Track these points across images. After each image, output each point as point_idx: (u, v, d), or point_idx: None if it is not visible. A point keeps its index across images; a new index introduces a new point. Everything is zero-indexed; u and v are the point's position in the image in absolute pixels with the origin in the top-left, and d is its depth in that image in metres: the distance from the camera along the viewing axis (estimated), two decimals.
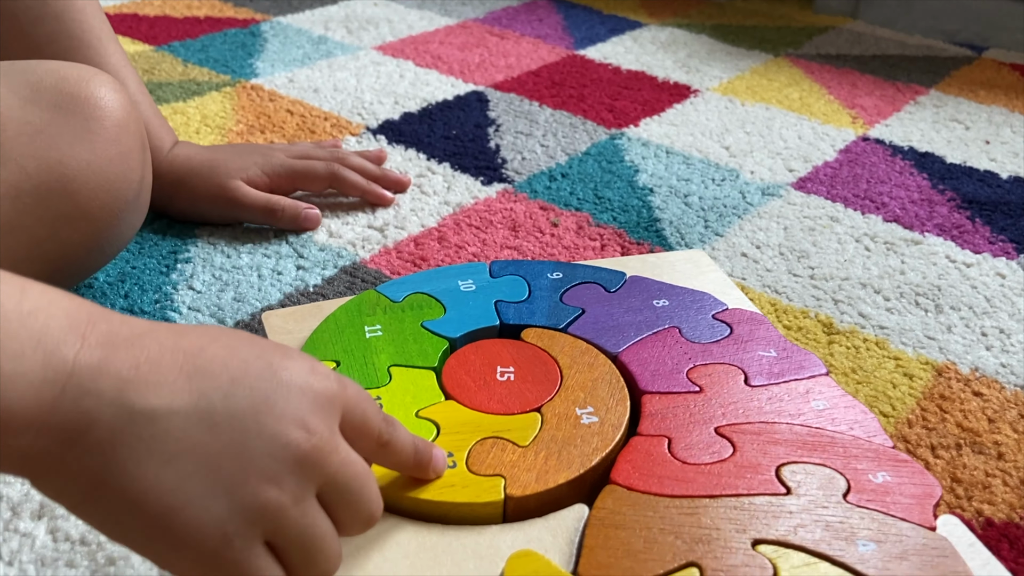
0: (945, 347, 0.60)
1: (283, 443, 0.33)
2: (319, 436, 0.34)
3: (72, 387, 0.29)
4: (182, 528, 0.31)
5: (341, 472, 0.35)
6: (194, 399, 0.31)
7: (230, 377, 0.33)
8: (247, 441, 0.32)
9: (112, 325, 0.32)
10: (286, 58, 1.07)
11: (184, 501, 0.31)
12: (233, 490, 0.32)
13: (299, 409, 0.34)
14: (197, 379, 0.32)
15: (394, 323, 0.55)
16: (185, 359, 0.32)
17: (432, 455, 0.43)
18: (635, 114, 0.95)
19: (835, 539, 0.41)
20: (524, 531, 0.42)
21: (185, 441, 0.31)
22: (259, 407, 0.33)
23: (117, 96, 0.56)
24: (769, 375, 0.52)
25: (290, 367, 0.35)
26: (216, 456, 0.31)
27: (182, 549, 0.31)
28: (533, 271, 0.61)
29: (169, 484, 0.31)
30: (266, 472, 0.32)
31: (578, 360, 0.53)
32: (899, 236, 0.73)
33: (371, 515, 0.37)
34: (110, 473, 0.30)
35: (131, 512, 0.31)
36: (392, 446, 0.40)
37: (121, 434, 0.30)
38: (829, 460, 0.46)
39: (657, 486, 0.44)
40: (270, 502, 0.32)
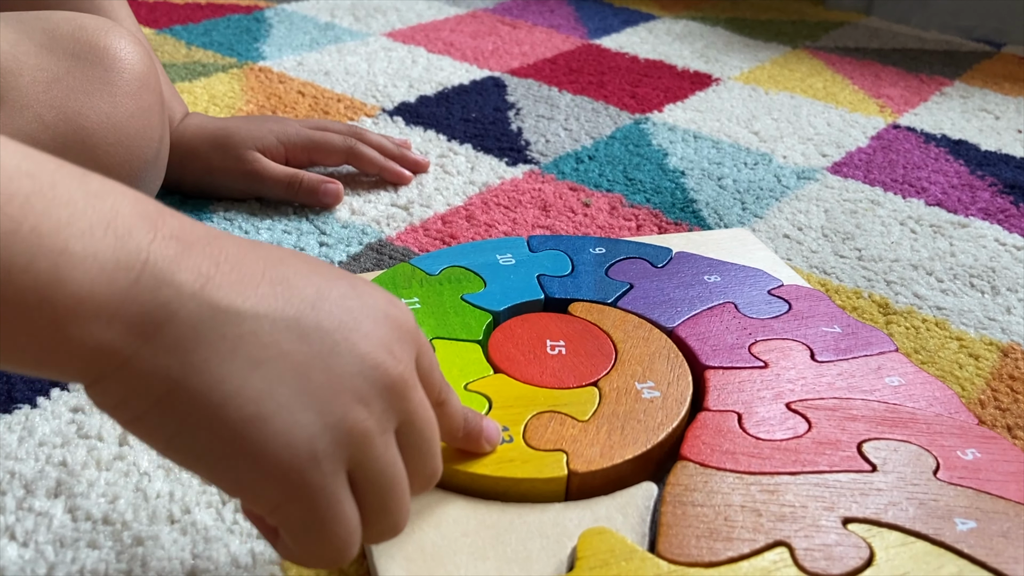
0: (1007, 328, 0.57)
1: (372, 364, 0.30)
2: (404, 365, 0.31)
3: (148, 275, 0.26)
4: (270, 439, 0.27)
5: (419, 411, 0.32)
6: (280, 305, 0.28)
7: (316, 290, 0.30)
8: (337, 356, 0.29)
9: (184, 221, 0.28)
10: (293, 43, 1.04)
11: (272, 410, 0.27)
12: (324, 404, 0.28)
13: (386, 334, 0.31)
14: (281, 287, 0.29)
15: (432, 296, 0.52)
16: (267, 265, 0.29)
17: (483, 426, 0.39)
18: (658, 100, 0.92)
19: (931, 517, 0.38)
20: (591, 509, 0.39)
21: (273, 347, 0.28)
22: (348, 324, 0.30)
23: (136, 49, 0.52)
24: (836, 351, 0.49)
25: (372, 292, 0.32)
26: (306, 367, 0.28)
27: (266, 466, 0.27)
28: (574, 246, 0.58)
29: (256, 390, 0.27)
30: (357, 391, 0.29)
31: (632, 334, 0.49)
32: (944, 219, 0.70)
33: (435, 470, 0.34)
34: (189, 374, 0.26)
35: (210, 420, 0.27)
36: (446, 408, 0.36)
37: (204, 331, 0.26)
38: (913, 437, 0.43)
39: (732, 462, 0.41)
40: (359, 423, 0.29)
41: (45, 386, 0.47)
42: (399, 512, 0.32)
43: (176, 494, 0.41)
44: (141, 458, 0.43)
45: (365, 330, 0.30)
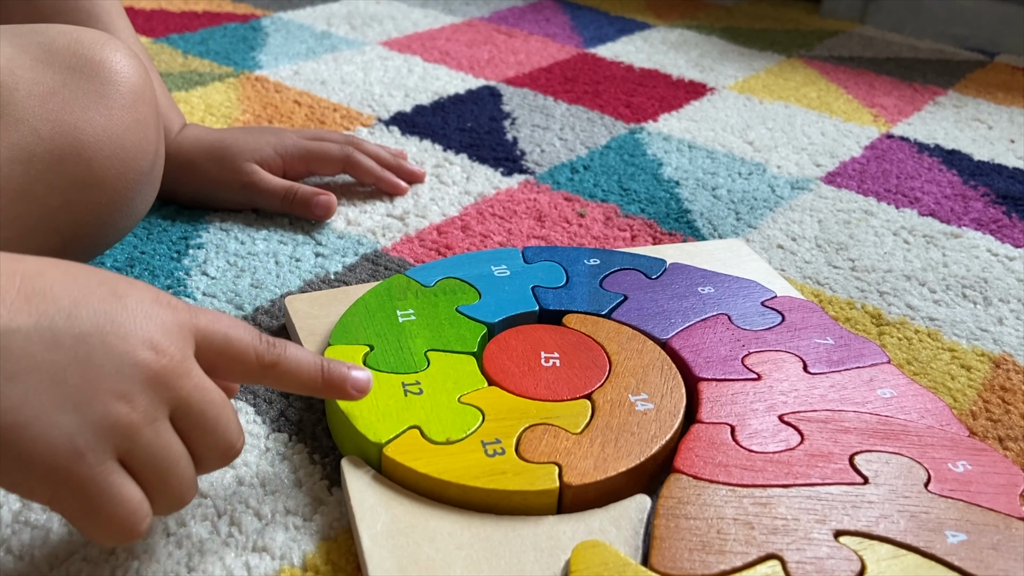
0: (999, 339, 0.57)
1: (131, 362, 0.32)
2: (169, 357, 0.33)
3: None
4: (30, 443, 0.30)
5: (195, 396, 0.34)
6: (34, 319, 0.30)
7: (72, 299, 0.32)
8: (93, 359, 0.31)
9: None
10: (289, 52, 1.04)
11: (30, 416, 0.30)
12: (82, 405, 0.31)
13: (147, 331, 0.33)
14: (36, 300, 0.31)
15: (427, 308, 0.52)
16: (23, 281, 0.31)
17: (347, 373, 0.40)
18: (653, 110, 0.93)
19: (922, 530, 0.38)
20: (585, 522, 0.39)
21: (27, 359, 0.30)
22: (104, 328, 0.32)
23: (132, 62, 0.53)
24: (829, 363, 0.49)
25: (134, 293, 0.34)
26: (61, 372, 0.30)
27: (32, 467, 0.30)
28: (569, 257, 0.58)
29: (13, 400, 0.29)
30: (115, 389, 0.31)
31: (626, 346, 0.50)
32: (937, 230, 0.71)
33: (229, 445, 0.36)
34: None
35: None
36: (282, 365, 0.38)
37: None
38: (904, 449, 0.43)
39: (725, 475, 0.41)
40: (121, 418, 0.31)
41: None
42: (180, 488, 0.34)
43: None
44: None
45: (123, 331, 0.32)
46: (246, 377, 0.38)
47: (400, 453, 0.41)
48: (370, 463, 0.42)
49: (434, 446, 0.41)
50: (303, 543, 0.40)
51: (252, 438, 0.46)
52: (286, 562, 0.39)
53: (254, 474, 0.43)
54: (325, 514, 0.41)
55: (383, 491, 0.40)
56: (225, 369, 0.37)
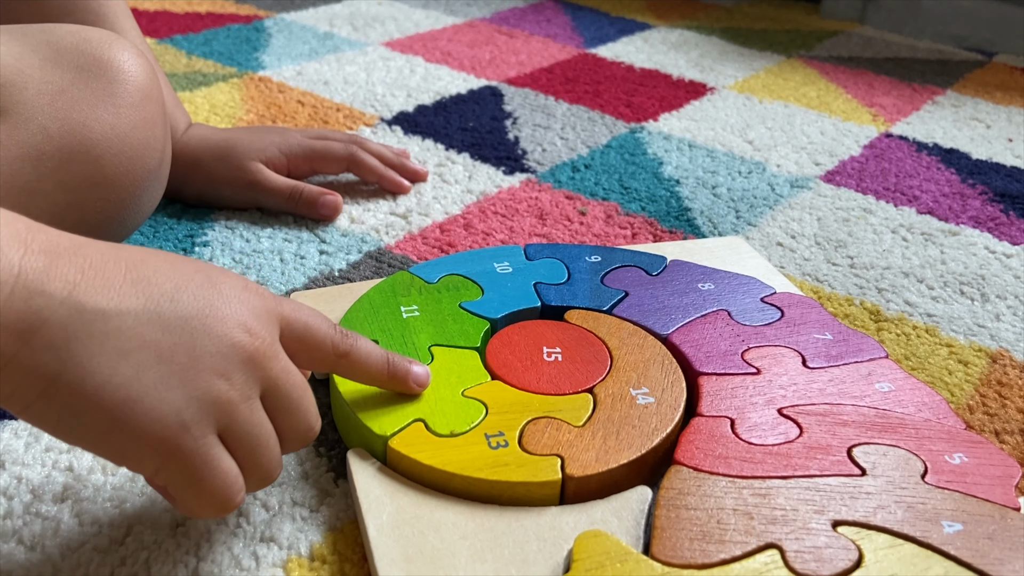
0: (996, 335, 0.58)
1: (230, 343, 0.34)
2: (261, 340, 0.35)
3: (20, 288, 0.30)
4: (142, 417, 0.32)
5: (282, 378, 0.36)
6: (142, 302, 0.33)
7: (173, 285, 0.34)
8: (196, 340, 0.33)
9: (51, 235, 0.32)
10: (292, 52, 1.05)
11: (141, 392, 0.32)
12: (187, 382, 0.33)
13: (241, 315, 0.35)
14: (142, 285, 0.33)
15: (431, 304, 0.52)
16: (128, 268, 0.33)
17: (410, 368, 0.43)
18: (653, 109, 0.94)
19: (919, 520, 0.39)
20: (587, 513, 0.40)
21: (137, 338, 0.32)
22: (204, 311, 0.34)
23: (139, 62, 0.53)
24: (827, 357, 0.50)
25: (227, 280, 0.36)
26: (168, 351, 0.32)
27: (142, 439, 0.32)
28: (570, 254, 0.59)
29: (125, 377, 0.31)
30: (216, 367, 0.33)
31: (627, 341, 0.50)
32: (935, 227, 0.71)
33: (309, 427, 0.38)
34: (65, 369, 0.30)
35: (89, 406, 0.31)
36: (354, 355, 0.41)
37: (74, 331, 0.31)
38: (902, 441, 0.44)
39: (724, 467, 0.42)
40: (222, 394, 0.34)
41: None
42: (270, 465, 0.36)
43: None
44: None
45: (221, 315, 0.34)
46: (321, 364, 0.40)
47: (405, 445, 0.42)
48: (375, 455, 0.43)
49: (438, 438, 0.42)
50: (310, 533, 0.41)
51: None
52: (293, 552, 0.40)
53: None
54: (331, 505, 0.42)
55: (388, 483, 0.41)
56: (304, 356, 0.39)
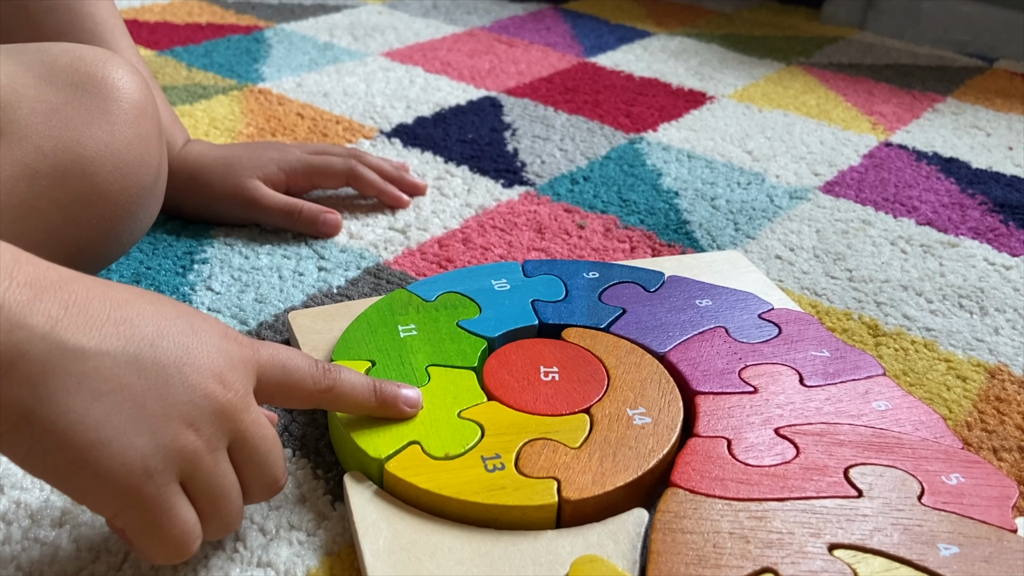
0: (995, 349, 0.58)
1: (202, 393, 0.35)
2: (235, 392, 0.36)
3: (3, 320, 0.30)
4: (107, 460, 0.32)
5: (251, 431, 0.37)
6: (122, 344, 0.33)
7: (155, 329, 0.34)
8: (170, 387, 0.34)
9: (39, 268, 0.33)
10: (292, 63, 1.05)
11: (110, 435, 0.32)
12: (156, 429, 0.33)
13: (217, 365, 0.36)
14: (124, 326, 0.33)
15: (428, 322, 0.52)
16: (113, 307, 0.34)
17: (398, 392, 0.44)
18: (652, 119, 0.94)
19: (915, 543, 0.39)
20: (583, 536, 0.40)
21: (113, 380, 0.32)
22: (182, 359, 0.35)
23: (134, 79, 0.54)
24: (825, 375, 0.50)
25: (208, 329, 0.37)
26: (141, 397, 0.33)
27: (105, 482, 0.32)
28: (568, 271, 0.59)
29: (96, 418, 0.32)
30: (187, 417, 0.34)
31: (624, 360, 0.50)
32: (934, 239, 0.71)
33: (275, 480, 0.39)
34: (39, 404, 0.31)
35: (57, 444, 0.31)
36: (337, 389, 0.41)
37: (52, 368, 0.31)
38: (899, 462, 0.43)
39: (721, 489, 0.42)
40: (188, 444, 0.34)
41: None
42: (230, 516, 0.37)
43: None
44: None
45: (198, 364, 0.35)
46: (305, 402, 0.41)
47: (401, 469, 0.42)
48: (372, 479, 0.43)
49: (435, 461, 0.42)
50: (307, 558, 0.41)
51: None
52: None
53: None
54: (328, 529, 0.42)
55: (385, 507, 0.41)
56: (284, 397, 0.40)
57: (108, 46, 0.63)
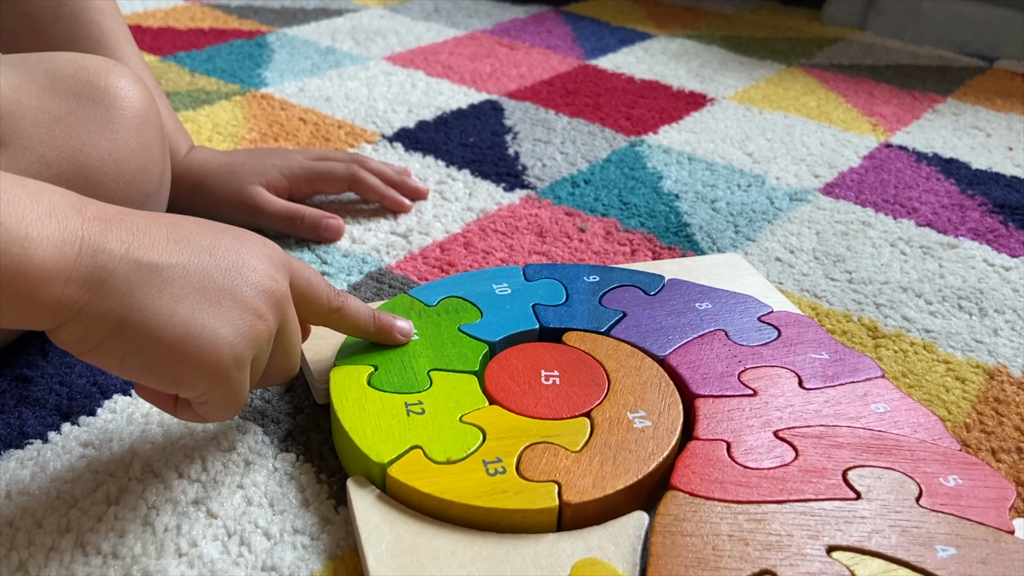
0: (994, 350, 0.58)
1: (262, 288, 0.41)
2: (284, 286, 0.42)
3: (86, 247, 0.35)
4: (199, 351, 0.38)
5: (292, 320, 0.43)
6: (187, 256, 0.38)
7: (209, 242, 0.40)
8: (235, 285, 0.40)
9: (98, 206, 0.38)
10: (295, 68, 1.05)
11: (198, 330, 0.38)
12: (234, 321, 0.39)
13: (266, 266, 0.42)
14: (183, 243, 0.39)
15: (430, 327, 0.53)
16: (168, 230, 0.39)
17: (394, 322, 0.50)
18: (653, 122, 0.94)
19: (913, 544, 0.39)
20: (584, 539, 0.40)
21: (188, 286, 0.38)
22: (238, 263, 0.40)
23: (137, 87, 0.54)
24: (824, 378, 0.50)
25: (250, 237, 0.43)
26: (215, 296, 0.39)
27: (200, 369, 0.38)
28: (569, 274, 0.59)
29: (183, 317, 0.37)
30: (254, 308, 0.40)
31: (624, 363, 0.51)
32: (934, 240, 0.72)
33: (294, 367, 0.46)
34: (131, 312, 0.36)
35: (153, 342, 0.37)
36: (345, 311, 0.48)
37: (136, 282, 0.36)
38: (897, 464, 0.44)
39: (720, 491, 0.42)
40: (260, 330, 0.40)
41: (56, 421, 0.49)
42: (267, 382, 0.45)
43: (183, 528, 0.42)
44: (149, 492, 0.44)
45: (252, 265, 0.41)
46: (316, 317, 0.47)
47: (404, 473, 0.42)
48: (374, 483, 0.43)
49: (437, 466, 0.43)
50: (311, 562, 0.41)
51: (260, 458, 0.47)
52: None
53: (263, 494, 0.45)
54: (332, 533, 0.43)
55: (388, 511, 0.42)
56: (303, 308, 0.45)
57: (113, 54, 0.64)
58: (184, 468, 0.46)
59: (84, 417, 0.49)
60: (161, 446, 0.47)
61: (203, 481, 0.45)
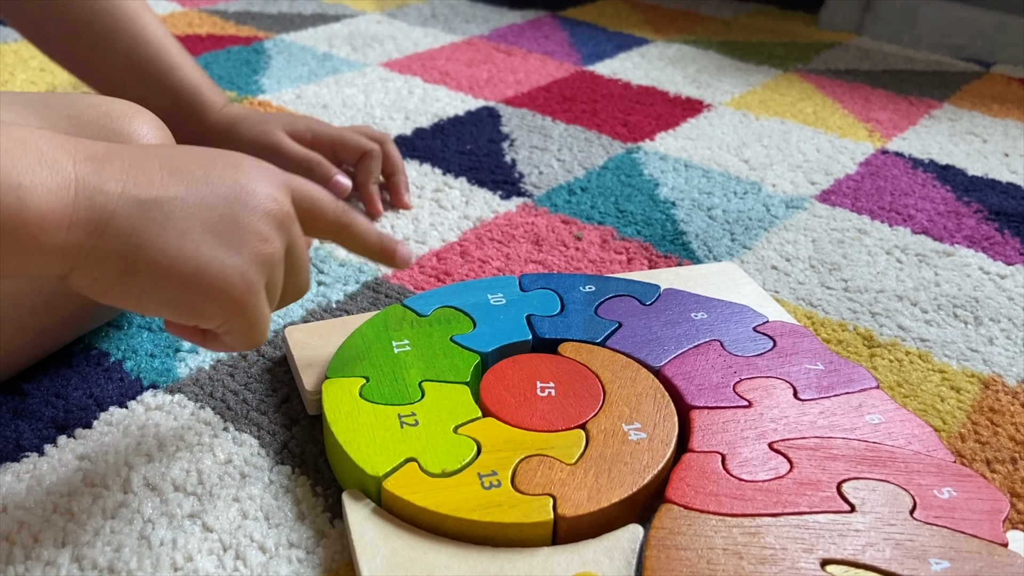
0: (989, 359, 0.58)
1: (264, 211, 0.40)
2: (286, 207, 0.42)
3: (82, 189, 0.35)
4: (211, 280, 0.38)
5: (298, 240, 0.43)
6: (184, 188, 0.38)
7: (203, 171, 0.39)
8: (237, 212, 0.39)
9: (86, 144, 0.37)
10: (292, 74, 1.05)
11: (207, 260, 0.38)
12: (240, 247, 0.39)
13: (265, 187, 0.41)
14: (177, 175, 0.38)
15: (423, 338, 0.53)
16: (161, 162, 0.38)
17: (396, 246, 0.50)
18: (650, 128, 0.94)
19: (906, 558, 0.39)
20: (579, 553, 0.40)
21: (190, 218, 0.37)
22: (237, 188, 0.40)
23: (159, 133, 0.55)
24: (819, 389, 0.50)
25: (246, 160, 0.42)
26: (218, 225, 0.38)
27: (216, 298, 0.38)
28: (564, 284, 0.59)
29: (191, 249, 0.37)
30: (259, 232, 0.40)
31: (620, 375, 0.51)
32: (930, 248, 0.72)
33: (306, 284, 0.45)
34: (138, 250, 0.36)
35: (165, 277, 0.37)
36: (352, 228, 0.47)
37: (138, 220, 0.36)
38: (891, 476, 0.44)
39: (715, 504, 0.42)
40: (267, 253, 0.40)
41: (52, 433, 0.49)
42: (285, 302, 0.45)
43: (179, 542, 0.42)
44: (145, 505, 0.44)
45: (251, 189, 0.40)
46: (324, 232, 0.46)
47: (399, 487, 0.42)
48: (369, 496, 0.43)
49: (432, 479, 0.43)
50: None
51: (256, 470, 0.47)
52: None
53: (258, 507, 0.45)
54: (327, 547, 0.43)
55: (382, 525, 0.42)
56: (309, 224, 0.45)
57: (134, 23, 0.68)
58: (180, 480, 0.46)
59: (80, 429, 0.49)
60: (157, 458, 0.47)
61: (199, 494, 0.45)
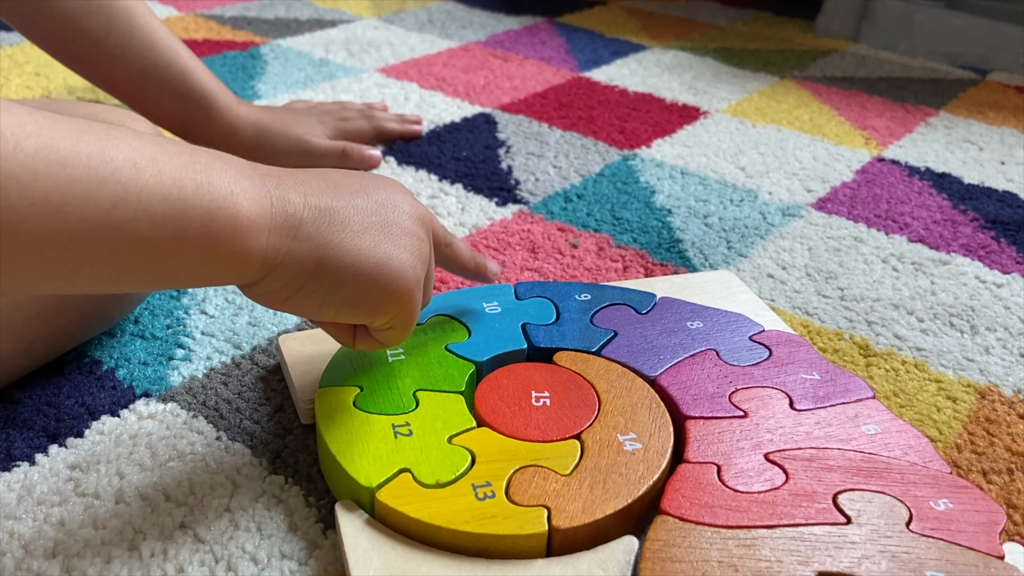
0: (985, 369, 0.58)
1: (416, 215, 0.45)
2: (426, 213, 0.47)
3: (276, 198, 0.39)
4: (389, 276, 0.42)
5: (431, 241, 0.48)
6: (348, 198, 0.42)
7: (359, 186, 0.44)
8: (395, 217, 0.43)
9: (259, 166, 0.40)
10: (288, 80, 1.05)
11: (384, 258, 0.42)
12: (407, 246, 0.43)
13: (406, 196, 0.46)
14: (339, 189, 0.42)
15: (417, 346, 0.53)
16: (320, 180, 0.42)
17: (487, 264, 0.55)
18: (646, 135, 0.94)
19: (903, 570, 0.39)
20: (573, 565, 0.40)
21: (362, 222, 0.42)
22: (387, 197, 0.44)
23: None
24: (815, 399, 0.50)
25: (378, 177, 0.46)
26: (387, 228, 0.43)
27: (392, 294, 0.42)
28: (560, 293, 0.59)
29: (369, 248, 0.41)
30: (417, 233, 0.44)
31: (615, 384, 0.50)
32: (926, 256, 0.72)
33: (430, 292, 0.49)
34: (325, 250, 0.40)
35: (350, 276, 0.41)
36: (453, 248, 0.52)
37: (321, 223, 0.40)
38: (887, 487, 0.44)
39: (710, 516, 0.42)
40: (426, 252, 0.45)
41: (44, 442, 0.48)
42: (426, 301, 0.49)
43: (170, 552, 0.42)
44: (136, 515, 0.44)
45: (398, 199, 0.45)
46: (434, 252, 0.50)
47: (392, 498, 0.42)
48: (363, 507, 0.43)
49: (426, 490, 0.42)
50: None
51: (248, 480, 0.47)
52: None
53: (250, 518, 0.44)
54: (320, 558, 0.42)
55: (375, 536, 0.41)
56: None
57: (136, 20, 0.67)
58: (171, 491, 0.46)
59: (72, 439, 0.49)
60: (149, 468, 0.47)
61: (190, 504, 0.45)
